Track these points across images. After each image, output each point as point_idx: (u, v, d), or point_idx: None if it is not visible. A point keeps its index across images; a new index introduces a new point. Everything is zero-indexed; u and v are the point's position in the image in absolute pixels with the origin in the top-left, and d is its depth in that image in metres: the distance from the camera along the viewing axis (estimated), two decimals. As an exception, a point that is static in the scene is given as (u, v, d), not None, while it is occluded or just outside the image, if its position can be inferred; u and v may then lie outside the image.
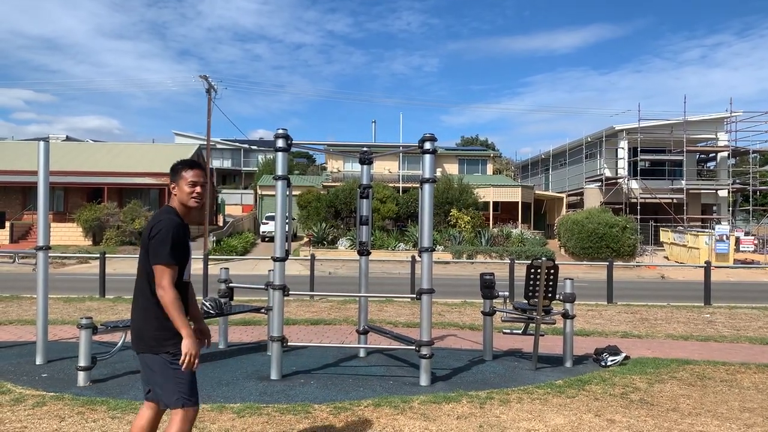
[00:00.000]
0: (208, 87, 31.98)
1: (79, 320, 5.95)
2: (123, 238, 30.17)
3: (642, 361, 7.23)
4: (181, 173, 3.36)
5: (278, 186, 6.21)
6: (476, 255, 28.66)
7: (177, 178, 3.36)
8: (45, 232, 6.83)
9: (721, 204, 38.86)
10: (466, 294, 14.38)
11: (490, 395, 5.55)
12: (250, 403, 5.18)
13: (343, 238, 31.17)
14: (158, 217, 3.29)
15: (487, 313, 7.30)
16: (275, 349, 6.15)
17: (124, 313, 10.62)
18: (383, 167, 44.25)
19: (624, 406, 5.34)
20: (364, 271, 7.29)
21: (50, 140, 45.17)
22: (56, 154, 35.75)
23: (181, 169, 3.37)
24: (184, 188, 3.34)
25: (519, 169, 58.40)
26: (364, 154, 7.44)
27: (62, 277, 19.08)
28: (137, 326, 3.26)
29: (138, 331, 3.25)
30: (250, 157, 66.29)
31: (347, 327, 9.43)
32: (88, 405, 5.06)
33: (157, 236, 3.18)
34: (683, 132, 35.85)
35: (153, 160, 39.34)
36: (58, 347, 7.43)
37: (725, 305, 13.41)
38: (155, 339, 3.18)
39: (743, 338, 9.15)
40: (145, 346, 3.21)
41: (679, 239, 30.43)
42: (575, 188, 41.22)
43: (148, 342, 3.20)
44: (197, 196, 3.35)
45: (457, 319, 10.46)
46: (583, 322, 10.41)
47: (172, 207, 3.36)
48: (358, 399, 5.37)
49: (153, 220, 3.29)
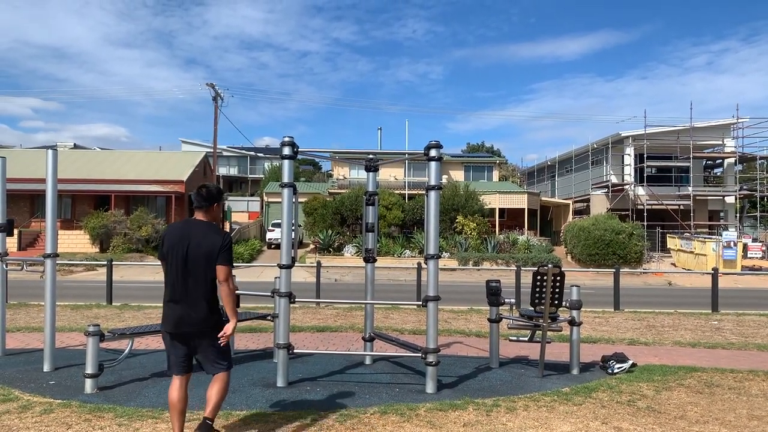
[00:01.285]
0: (215, 95, 32.16)
1: (87, 327, 5.98)
2: (130, 245, 30.25)
3: (649, 368, 7.20)
4: (222, 198, 4.57)
5: (284, 193, 6.23)
6: (482, 262, 28.60)
7: (220, 200, 4.51)
8: (53, 239, 6.88)
9: (729, 210, 38.66)
10: (472, 301, 14.35)
11: (497, 403, 5.54)
12: (256, 410, 5.19)
13: (349, 244, 31.17)
14: (220, 232, 4.34)
15: (494, 320, 7.28)
16: (281, 357, 6.15)
17: (130, 320, 10.65)
18: (389, 174, 44.27)
19: (631, 413, 5.31)
20: (370, 278, 7.29)
21: (58, 148, 45.46)
22: (64, 162, 35.98)
23: (222, 194, 4.61)
24: (219, 210, 4.51)
25: (525, 176, 58.33)
26: (369, 161, 7.45)
27: (69, 284, 19.15)
28: (197, 314, 4.17)
29: (194, 318, 4.17)
30: (257, 165, 66.52)
31: (353, 334, 9.43)
32: (95, 412, 5.08)
33: (227, 245, 4.25)
34: (690, 138, 35.74)
35: (160, 167, 39.54)
36: (65, 354, 7.46)
37: (733, 312, 13.33)
38: (213, 323, 4.23)
39: (751, 345, 9.10)
40: (200, 329, 4.19)
41: (686, 246, 30.29)
42: (581, 195, 41.13)
43: (203, 326, 4.19)
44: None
45: (463, 326, 10.44)
46: (590, 329, 10.37)
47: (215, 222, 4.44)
48: (364, 406, 5.37)
49: (218, 232, 4.30)
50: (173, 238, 4.27)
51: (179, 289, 4.19)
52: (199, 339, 4.23)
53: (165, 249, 4.29)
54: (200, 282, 4.19)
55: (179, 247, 4.21)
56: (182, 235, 4.25)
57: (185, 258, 4.19)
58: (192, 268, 4.18)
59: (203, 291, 4.20)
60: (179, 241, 4.23)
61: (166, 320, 4.25)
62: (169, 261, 4.24)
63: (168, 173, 38.27)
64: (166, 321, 4.25)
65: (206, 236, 4.23)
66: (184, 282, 4.19)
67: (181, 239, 4.23)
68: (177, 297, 4.20)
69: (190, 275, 4.18)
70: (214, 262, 4.19)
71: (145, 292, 16.49)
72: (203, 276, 4.19)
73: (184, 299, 4.18)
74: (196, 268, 4.18)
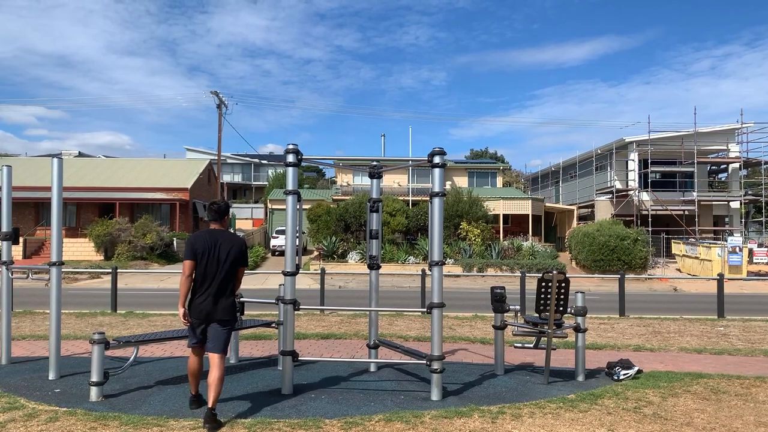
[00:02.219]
0: (219, 103, 32.27)
1: (92, 335, 5.98)
2: (134, 252, 30.29)
3: (655, 374, 7.17)
4: (229, 210, 5.73)
5: (289, 200, 6.24)
6: (486, 268, 28.54)
7: (228, 213, 5.62)
8: (58, 247, 6.90)
9: (734, 215, 38.54)
10: (476, 307, 14.33)
11: (502, 410, 5.52)
12: (261, 418, 5.18)
13: (353, 251, 31.17)
14: (240, 239, 5.53)
15: (498, 327, 7.27)
16: (286, 364, 6.15)
17: (135, 328, 10.67)
18: (393, 180, 44.31)
19: (637, 420, 5.29)
20: (374, 285, 7.29)
21: (63, 156, 45.66)
22: (69, 170, 36.17)
23: (229, 207, 5.70)
24: (228, 220, 5.63)
25: (529, 182, 58.29)
26: (373, 167, 7.46)
27: (74, 292, 19.17)
28: (224, 307, 5.28)
29: (223, 310, 5.27)
30: (261, 172, 66.67)
31: (358, 341, 9.42)
32: (100, 420, 5.08)
33: (245, 250, 5.51)
34: (694, 143, 35.69)
35: (164, 175, 39.64)
36: (70, 362, 7.47)
37: (739, 318, 13.28)
38: (231, 314, 5.35)
39: (758, 351, 9.05)
40: (221, 318, 5.26)
41: (691, 251, 30.19)
42: (586, 200, 41.07)
43: (223, 316, 5.27)
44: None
45: (468, 333, 10.42)
46: (595, 335, 10.34)
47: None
48: (369, 414, 5.36)
49: (239, 240, 5.49)
50: (205, 244, 5.28)
51: (214, 284, 5.25)
52: (218, 323, 5.26)
53: (199, 252, 5.25)
54: (230, 279, 5.36)
55: (213, 251, 5.29)
56: (213, 242, 5.31)
57: (218, 259, 5.28)
58: (224, 268, 5.29)
59: (231, 286, 5.40)
60: (212, 246, 5.30)
61: (197, 310, 5.23)
62: (204, 262, 5.25)
63: (172, 181, 38.37)
64: (197, 311, 5.23)
65: (233, 242, 5.41)
66: (217, 278, 5.26)
67: (213, 245, 5.30)
68: (211, 291, 5.24)
69: (222, 273, 5.28)
70: (238, 264, 5.42)
71: (150, 300, 16.51)
72: (231, 274, 5.37)
73: (216, 292, 5.25)
74: (227, 267, 5.31)
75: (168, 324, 11.10)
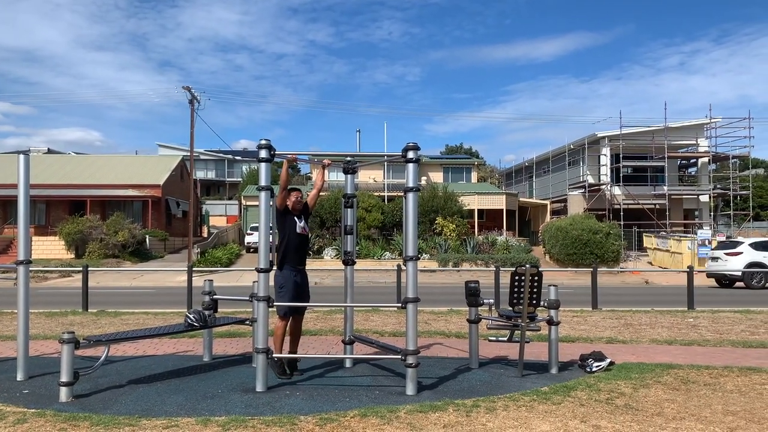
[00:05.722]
0: (191, 98, 31.89)
1: (61, 335, 5.87)
2: (106, 251, 29.86)
3: (627, 366, 7.27)
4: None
5: (262, 196, 6.19)
6: (462, 263, 28.72)
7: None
8: (26, 246, 6.75)
9: (703, 209, 39.33)
10: (452, 302, 14.39)
11: (477, 403, 5.55)
12: (235, 416, 5.14)
13: (328, 247, 31.12)
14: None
15: (473, 321, 7.30)
16: (260, 361, 6.11)
17: (107, 327, 10.51)
18: (368, 176, 44.28)
19: (609, 411, 5.36)
20: (349, 281, 7.27)
21: (31, 153, 44.70)
22: (38, 166, 35.43)
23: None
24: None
25: (503, 177, 58.76)
26: (347, 163, 7.43)
27: (44, 291, 18.83)
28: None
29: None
30: (234, 168, 66.12)
31: (333, 337, 9.40)
32: (70, 421, 4.99)
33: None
34: (664, 138, 36.29)
35: (136, 172, 39.09)
36: (39, 363, 7.33)
37: (708, 309, 13.54)
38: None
39: (726, 342, 9.24)
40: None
41: (662, 244, 30.72)
42: (559, 195, 41.53)
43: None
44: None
45: (443, 328, 10.46)
46: (569, 328, 10.46)
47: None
48: (344, 410, 5.35)
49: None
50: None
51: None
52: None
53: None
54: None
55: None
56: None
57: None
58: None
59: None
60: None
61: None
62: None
63: (144, 177, 37.86)
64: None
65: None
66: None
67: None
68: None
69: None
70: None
71: (123, 298, 16.28)
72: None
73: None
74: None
75: (141, 322, 10.95)
